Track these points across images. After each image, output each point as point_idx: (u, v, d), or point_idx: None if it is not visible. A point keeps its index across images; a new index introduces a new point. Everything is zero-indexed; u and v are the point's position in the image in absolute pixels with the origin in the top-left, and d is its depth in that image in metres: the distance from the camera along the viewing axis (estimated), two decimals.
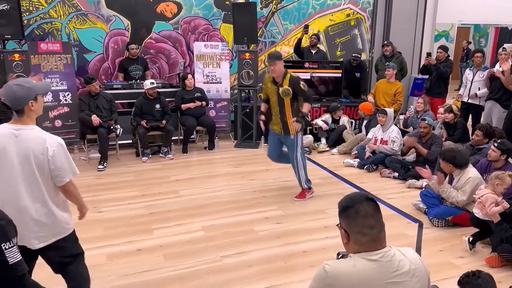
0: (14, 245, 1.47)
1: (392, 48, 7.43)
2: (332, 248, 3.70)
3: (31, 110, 2.28)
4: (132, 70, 6.93)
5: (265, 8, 7.93)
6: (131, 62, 6.95)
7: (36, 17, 6.61)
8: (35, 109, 2.30)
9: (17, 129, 2.25)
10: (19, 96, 2.22)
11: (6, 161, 2.23)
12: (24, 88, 2.24)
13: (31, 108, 2.27)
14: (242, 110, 7.10)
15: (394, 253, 1.61)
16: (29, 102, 2.25)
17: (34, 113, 2.31)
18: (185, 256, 3.62)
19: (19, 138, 2.23)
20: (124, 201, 4.77)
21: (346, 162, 6.16)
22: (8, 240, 1.46)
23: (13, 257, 1.47)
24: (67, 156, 2.32)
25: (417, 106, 6.48)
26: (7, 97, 2.21)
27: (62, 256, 2.48)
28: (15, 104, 2.22)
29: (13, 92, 2.21)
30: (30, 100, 2.25)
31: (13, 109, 2.22)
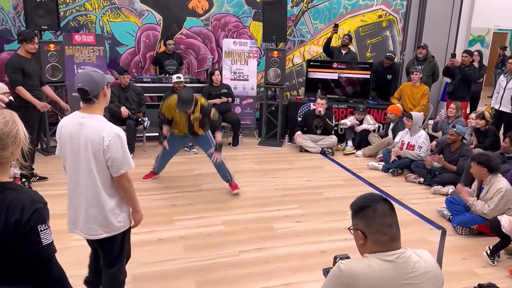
0: (48, 227, 1.53)
1: (426, 51, 7.27)
2: (351, 250, 3.65)
3: (105, 96, 2.32)
4: (167, 65, 7.06)
5: (295, 7, 7.92)
6: (167, 57, 7.08)
7: (72, 9, 6.82)
8: (107, 96, 2.35)
9: (83, 117, 2.28)
10: (97, 81, 2.26)
11: (72, 148, 2.29)
12: (100, 74, 2.30)
13: (105, 93, 2.32)
14: (267, 108, 7.11)
15: (410, 254, 1.60)
16: (104, 88, 2.30)
17: (105, 100, 2.34)
18: (204, 248, 3.67)
19: (83, 126, 2.26)
20: (148, 192, 4.87)
21: (370, 165, 6.09)
22: (44, 222, 1.52)
23: (46, 238, 1.52)
24: (124, 148, 2.28)
25: (449, 112, 6.33)
26: (86, 82, 2.23)
27: (106, 255, 2.51)
28: (93, 89, 2.24)
29: (92, 78, 2.25)
30: (104, 85, 2.30)
31: (91, 94, 2.24)
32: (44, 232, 1.52)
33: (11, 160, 1.58)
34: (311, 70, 7.41)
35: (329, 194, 5.01)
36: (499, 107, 6.38)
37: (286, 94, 8.00)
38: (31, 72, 5.06)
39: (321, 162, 6.31)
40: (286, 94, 7.94)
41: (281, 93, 7.07)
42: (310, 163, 6.22)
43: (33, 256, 1.53)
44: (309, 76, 7.43)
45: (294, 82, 8.32)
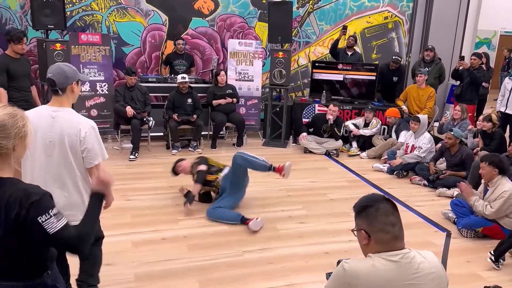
0: (51, 216, 1.52)
1: (434, 53, 7.23)
2: (355, 251, 3.64)
3: (73, 91, 2.37)
4: (177, 65, 7.07)
5: (301, 8, 7.91)
6: (177, 57, 7.09)
7: (79, 9, 6.85)
8: (75, 92, 2.39)
9: (55, 111, 2.32)
10: (67, 75, 2.31)
11: (42, 140, 2.31)
12: (71, 69, 2.36)
13: (73, 89, 2.36)
14: (272, 108, 7.11)
15: (414, 255, 1.59)
16: (73, 83, 2.34)
17: (73, 96, 2.39)
18: (208, 248, 3.67)
19: (55, 119, 2.31)
20: (152, 191, 4.88)
21: (375, 167, 6.07)
22: (44, 212, 1.50)
23: (51, 227, 1.51)
24: (99, 140, 2.38)
25: (454, 114, 6.29)
26: (55, 74, 2.29)
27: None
28: (62, 81, 2.29)
29: (62, 70, 2.31)
30: (74, 81, 2.35)
31: (58, 86, 2.29)
32: (47, 222, 1.50)
33: (12, 155, 1.57)
34: (316, 71, 7.40)
35: (333, 195, 5.00)
36: (505, 110, 6.33)
37: (291, 95, 7.99)
38: (18, 72, 5.02)
39: (325, 163, 6.29)
40: (291, 95, 7.93)
41: (286, 94, 7.06)
42: (314, 164, 6.21)
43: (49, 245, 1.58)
44: (314, 77, 7.43)
45: (299, 83, 8.31)
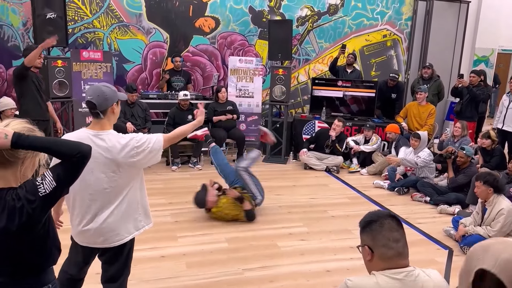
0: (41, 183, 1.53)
1: (432, 71, 7.29)
2: (357, 269, 3.61)
3: (113, 113, 2.29)
4: (174, 81, 7.12)
5: (301, 26, 8.00)
6: (175, 74, 7.14)
7: (81, 27, 6.92)
8: (116, 113, 2.31)
9: (95, 135, 2.22)
10: (107, 97, 2.22)
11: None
12: (111, 90, 2.27)
13: (114, 110, 2.28)
14: (272, 125, 7.12)
15: (418, 273, 1.57)
16: (113, 104, 2.27)
17: (114, 116, 2.31)
18: (207, 266, 3.62)
19: (97, 144, 2.19)
20: (152, 208, 4.73)
21: (375, 183, 6.04)
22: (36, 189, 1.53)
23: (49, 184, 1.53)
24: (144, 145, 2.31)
25: (455, 131, 6.30)
26: (95, 96, 2.21)
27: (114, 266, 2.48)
28: (102, 103, 2.21)
29: (102, 92, 2.21)
30: (114, 102, 2.27)
31: (99, 109, 2.21)
32: (45, 187, 1.51)
33: (20, 168, 1.57)
34: (316, 88, 7.44)
35: (334, 212, 4.97)
36: (502, 127, 6.35)
37: (291, 112, 8.02)
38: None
39: (326, 180, 6.27)
40: (291, 111, 7.96)
41: (286, 110, 7.09)
42: (315, 180, 6.19)
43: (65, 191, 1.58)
44: (314, 94, 7.46)
45: (299, 100, 8.35)
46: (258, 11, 7.72)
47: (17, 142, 1.47)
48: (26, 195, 1.49)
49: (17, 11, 6.58)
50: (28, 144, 1.49)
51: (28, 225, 1.51)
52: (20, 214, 1.49)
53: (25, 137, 1.49)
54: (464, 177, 5.22)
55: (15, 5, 6.56)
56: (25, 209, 1.49)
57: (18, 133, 1.48)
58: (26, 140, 1.48)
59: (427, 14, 8.48)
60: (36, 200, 1.49)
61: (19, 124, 1.57)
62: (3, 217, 1.48)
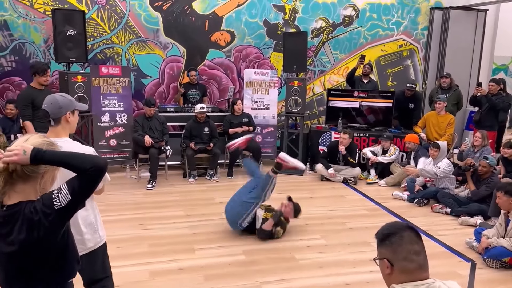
0: (57, 196, 1.55)
1: (450, 80, 7.21)
2: (377, 282, 3.55)
3: (67, 121, 2.32)
4: (190, 94, 7.20)
5: (316, 38, 8.03)
6: (190, 87, 7.23)
7: (100, 43, 7.08)
8: (71, 122, 2.34)
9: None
10: (60, 105, 2.28)
11: None
12: (66, 99, 2.32)
13: (68, 119, 2.31)
14: (288, 136, 7.12)
15: (439, 285, 1.53)
16: (67, 113, 2.30)
17: (69, 126, 2.34)
18: (225, 278, 3.61)
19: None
20: (170, 220, 4.87)
21: (394, 195, 5.96)
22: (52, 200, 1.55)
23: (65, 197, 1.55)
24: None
25: (475, 141, 6.18)
26: (48, 104, 2.27)
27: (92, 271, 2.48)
28: (55, 112, 2.27)
29: (55, 100, 2.28)
30: (69, 111, 2.30)
31: (52, 116, 2.27)
32: (60, 200, 1.52)
33: (39, 182, 1.59)
34: (331, 99, 7.43)
35: (352, 224, 4.91)
36: None
37: (307, 123, 8.01)
38: (42, 103, 5.20)
39: (343, 191, 6.22)
40: (306, 122, 7.94)
41: (302, 121, 7.08)
42: (332, 192, 6.14)
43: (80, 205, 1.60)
44: (329, 105, 7.45)
45: (315, 111, 8.34)
46: (273, 24, 7.78)
47: (36, 157, 1.51)
48: (43, 208, 1.52)
49: (38, 29, 6.79)
50: (46, 159, 1.53)
51: (46, 238, 1.53)
52: (38, 227, 1.51)
53: (43, 152, 1.52)
54: (487, 188, 5.11)
55: (37, 23, 6.77)
56: (42, 222, 1.51)
57: (36, 149, 1.52)
58: (44, 155, 1.52)
59: (443, 23, 8.42)
60: (52, 213, 1.51)
61: (38, 138, 1.61)
62: (22, 230, 1.51)
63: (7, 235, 1.53)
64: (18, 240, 1.51)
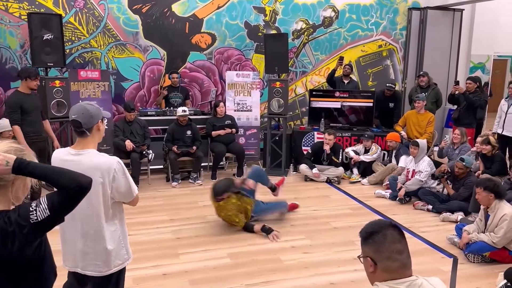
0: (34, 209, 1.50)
1: (428, 78, 7.32)
2: (361, 281, 3.57)
3: (99, 130, 2.27)
4: (172, 97, 7.13)
5: (296, 39, 8.06)
6: (172, 90, 7.16)
7: (78, 47, 6.97)
8: (101, 130, 2.29)
9: (76, 154, 2.21)
10: (92, 114, 2.21)
11: None
12: (95, 107, 2.26)
13: (99, 127, 2.26)
14: (271, 137, 7.12)
15: (421, 282, 1.54)
16: (98, 121, 2.25)
17: (99, 134, 2.29)
18: (210, 282, 3.58)
19: (76, 163, 2.14)
20: (153, 225, 4.81)
21: (377, 193, 6.02)
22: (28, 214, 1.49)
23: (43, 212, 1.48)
24: (127, 175, 2.27)
25: (454, 138, 6.29)
26: (80, 114, 2.19)
27: None
28: (87, 121, 2.19)
29: (86, 110, 2.20)
30: (99, 119, 2.25)
31: (84, 127, 2.19)
32: (37, 215, 1.47)
33: (10, 191, 1.53)
34: (314, 100, 7.46)
35: (336, 224, 4.93)
36: (501, 132, 6.35)
37: (290, 124, 8.03)
38: (30, 107, 5.17)
39: (327, 191, 6.25)
40: (289, 123, 7.97)
41: (285, 122, 7.09)
42: (316, 192, 6.17)
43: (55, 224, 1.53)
44: (312, 105, 7.48)
45: (297, 112, 8.37)
46: (253, 25, 7.78)
47: (18, 168, 1.46)
48: (18, 219, 1.46)
49: (14, 34, 6.64)
50: (28, 171, 1.48)
51: (21, 251, 1.47)
52: (12, 239, 1.45)
53: (26, 163, 1.47)
54: (465, 189, 5.18)
55: (12, 28, 6.61)
56: (17, 234, 1.45)
57: (19, 160, 1.47)
58: (27, 167, 1.47)
59: (421, 23, 8.56)
60: (27, 226, 1.46)
61: (6, 145, 1.54)
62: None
63: None
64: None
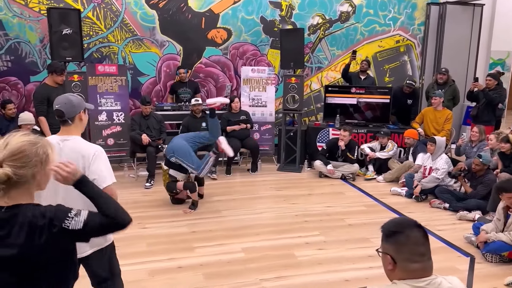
0: (72, 217, 1.53)
1: (447, 77, 7.19)
2: (376, 278, 3.55)
3: (81, 120, 2.39)
4: (181, 93, 7.17)
5: (312, 34, 8.01)
6: (181, 85, 7.19)
7: (96, 41, 7.05)
8: (83, 120, 2.41)
9: (62, 140, 2.32)
10: (73, 104, 2.34)
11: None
12: (78, 98, 2.40)
13: (81, 117, 2.38)
14: (286, 133, 7.11)
15: (440, 281, 1.52)
16: (80, 112, 2.37)
17: (81, 124, 2.41)
18: (225, 276, 3.61)
19: (62, 148, 2.28)
20: (168, 219, 4.86)
21: (393, 191, 5.96)
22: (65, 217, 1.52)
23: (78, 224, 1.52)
24: (106, 164, 2.32)
25: (472, 136, 6.18)
26: (62, 104, 2.32)
27: (99, 269, 2.46)
28: (69, 111, 2.32)
29: (69, 100, 2.34)
30: (81, 109, 2.38)
31: (67, 116, 2.32)
32: (72, 223, 1.49)
33: (33, 184, 1.53)
34: (329, 95, 7.42)
35: (351, 221, 4.91)
36: None
37: (305, 120, 8.00)
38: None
39: (342, 187, 6.22)
40: (304, 119, 7.93)
41: (300, 118, 7.07)
42: (330, 188, 6.14)
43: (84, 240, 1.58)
44: (327, 101, 7.44)
45: (312, 108, 8.33)
46: (269, 20, 7.76)
47: (79, 182, 1.65)
48: (53, 218, 1.48)
49: (34, 28, 6.74)
50: (84, 189, 1.66)
51: (45, 248, 1.46)
52: (40, 233, 1.45)
53: (86, 181, 1.68)
54: (483, 187, 5.10)
55: (32, 22, 6.72)
56: (45, 230, 1.45)
57: (83, 176, 1.68)
58: (86, 184, 1.67)
59: (440, 19, 8.41)
60: (57, 227, 1.47)
61: (19, 139, 1.51)
62: (21, 234, 1.44)
63: (4, 237, 1.45)
64: (17, 243, 1.44)
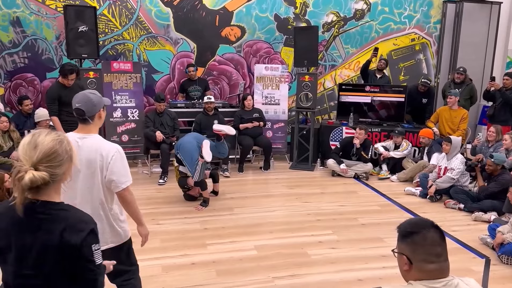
0: (99, 248, 1.55)
1: (465, 76, 7.07)
2: (390, 278, 3.53)
3: (100, 118, 2.40)
4: (191, 91, 7.19)
5: (326, 32, 7.97)
6: (191, 83, 7.22)
7: (111, 39, 7.11)
8: (102, 118, 2.43)
9: (80, 138, 2.33)
10: (94, 103, 2.33)
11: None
12: (97, 96, 2.39)
13: (100, 115, 2.40)
14: (299, 132, 7.09)
15: (457, 283, 1.50)
16: (100, 109, 2.38)
17: (100, 121, 2.42)
18: (237, 273, 3.62)
19: (81, 146, 2.29)
20: (181, 215, 4.89)
21: (407, 190, 5.90)
22: (97, 242, 1.54)
23: (98, 258, 1.53)
24: (124, 163, 2.35)
25: (489, 135, 6.09)
26: (83, 103, 2.31)
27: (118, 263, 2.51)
28: (90, 109, 2.32)
29: (89, 99, 2.33)
30: (101, 107, 2.39)
31: (87, 115, 2.32)
32: (97, 252, 1.52)
33: (62, 180, 1.57)
34: (343, 94, 7.37)
35: (364, 220, 4.88)
36: None
37: (318, 118, 7.96)
38: (69, 99, 5.24)
39: (355, 186, 6.18)
40: (317, 118, 7.90)
41: (313, 117, 7.04)
42: (343, 187, 6.11)
43: (83, 274, 1.53)
44: (341, 99, 7.39)
45: (326, 106, 8.29)
46: (283, 18, 7.74)
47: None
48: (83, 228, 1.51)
49: (50, 25, 6.83)
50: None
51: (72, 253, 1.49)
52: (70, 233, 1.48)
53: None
54: (496, 185, 5.03)
55: (48, 20, 6.81)
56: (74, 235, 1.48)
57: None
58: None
59: (456, 17, 8.28)
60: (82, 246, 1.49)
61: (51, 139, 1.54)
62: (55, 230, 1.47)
63: (35, 230, 1.49)
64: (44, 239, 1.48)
